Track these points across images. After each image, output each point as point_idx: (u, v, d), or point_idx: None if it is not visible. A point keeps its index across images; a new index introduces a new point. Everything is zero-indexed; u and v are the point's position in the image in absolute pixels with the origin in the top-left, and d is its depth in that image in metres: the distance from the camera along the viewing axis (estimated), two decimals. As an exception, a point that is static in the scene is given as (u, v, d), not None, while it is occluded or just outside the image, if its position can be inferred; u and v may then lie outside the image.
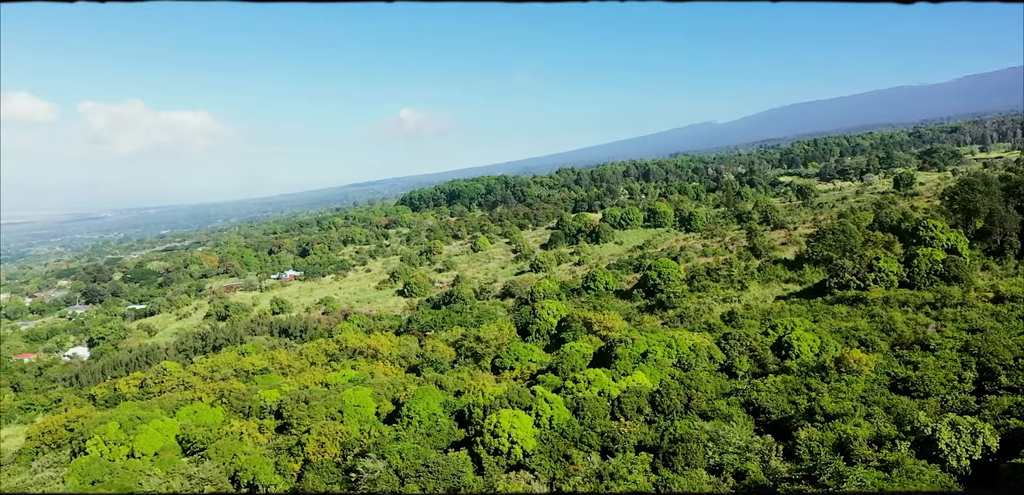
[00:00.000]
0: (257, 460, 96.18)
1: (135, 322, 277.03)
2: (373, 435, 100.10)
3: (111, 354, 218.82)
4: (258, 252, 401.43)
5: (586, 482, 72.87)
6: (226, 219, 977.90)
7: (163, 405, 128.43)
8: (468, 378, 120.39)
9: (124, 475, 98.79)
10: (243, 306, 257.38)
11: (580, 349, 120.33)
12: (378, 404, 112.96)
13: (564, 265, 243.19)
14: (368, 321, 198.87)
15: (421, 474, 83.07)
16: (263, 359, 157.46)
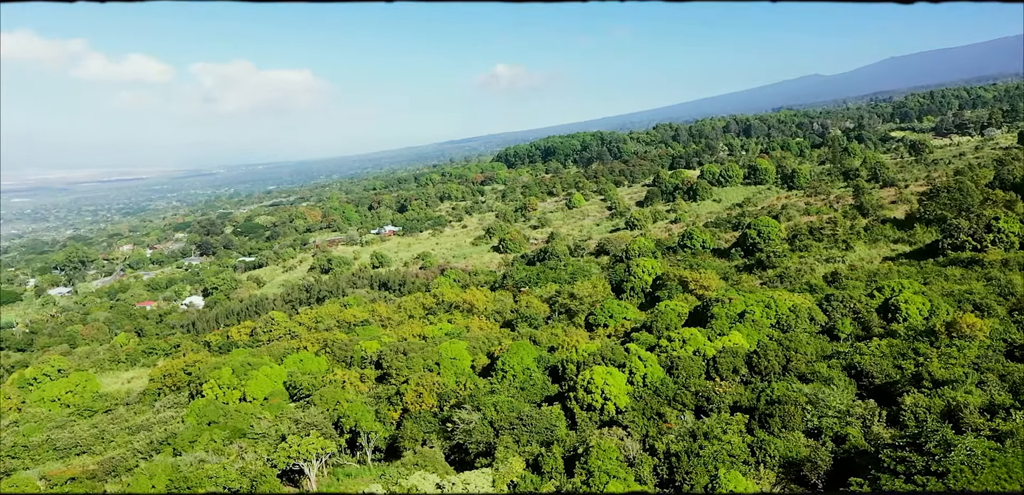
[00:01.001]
0: (359, 407, 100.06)
1: (245, 274, 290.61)
2: (469, 387, 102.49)
3: (223, 304, 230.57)
4: (358, 207, 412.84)
5: (679, 441, 72.65)
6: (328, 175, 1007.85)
7: (271, 353, 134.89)
8: (562, 334, 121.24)
9: (237, 417, 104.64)
10: (345, 260, 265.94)
11: (675, 308, 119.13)
12: (473, 357, 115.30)
13: (660, 223, 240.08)
14: (464, 276, 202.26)
15: (515, 426, 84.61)
16: (364, 311, 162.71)
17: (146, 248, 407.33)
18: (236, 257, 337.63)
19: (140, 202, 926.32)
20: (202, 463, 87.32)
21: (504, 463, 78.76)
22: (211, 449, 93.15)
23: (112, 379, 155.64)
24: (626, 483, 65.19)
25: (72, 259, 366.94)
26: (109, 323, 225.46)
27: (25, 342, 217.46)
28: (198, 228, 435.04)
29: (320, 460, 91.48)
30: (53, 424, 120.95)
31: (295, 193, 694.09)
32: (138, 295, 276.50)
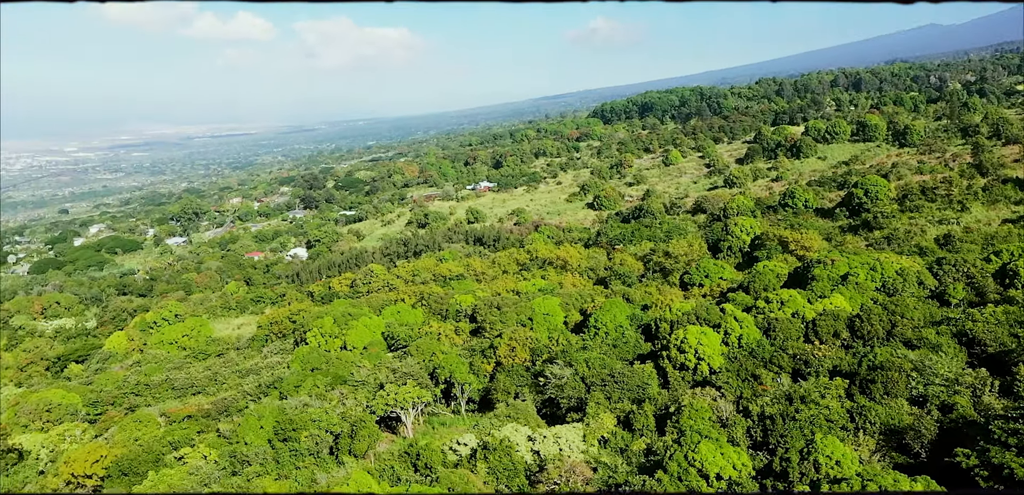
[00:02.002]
0: (453, 359, 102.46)
1: (346, 227, 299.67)
2: (561, 343, 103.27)
3: (326, 256, 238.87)
4: (454, 163, 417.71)
5: (775, 403, 71.35)
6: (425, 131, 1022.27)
7: (370, 304, 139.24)
8: (656, 293, 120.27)
9: (338, 364, 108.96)
10: (441, 215, 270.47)
11: (774, 268, 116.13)
12: (566, 313, 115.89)
13: (760, 181, 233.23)
14: (558, 233, 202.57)
15: (606, 383, 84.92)
16: (459, 266, 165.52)
17: (254, 201, 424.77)
18: (337, 211, 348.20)
19: (248, 156, 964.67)
20: (306, 407, 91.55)
21: (595, 418, 79.37)
22: (314, 394, 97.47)
23: (223, 325, 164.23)
24: (718, 444, 64.66)
25: (186, 211, 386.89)
26: (220, 272, 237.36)
27: (145, 288, 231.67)
28: (301, 182, 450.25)
29: (416, 408, 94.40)
30: (171, 365, 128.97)
31: (393, 148, 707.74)
32: (247, 246, 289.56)
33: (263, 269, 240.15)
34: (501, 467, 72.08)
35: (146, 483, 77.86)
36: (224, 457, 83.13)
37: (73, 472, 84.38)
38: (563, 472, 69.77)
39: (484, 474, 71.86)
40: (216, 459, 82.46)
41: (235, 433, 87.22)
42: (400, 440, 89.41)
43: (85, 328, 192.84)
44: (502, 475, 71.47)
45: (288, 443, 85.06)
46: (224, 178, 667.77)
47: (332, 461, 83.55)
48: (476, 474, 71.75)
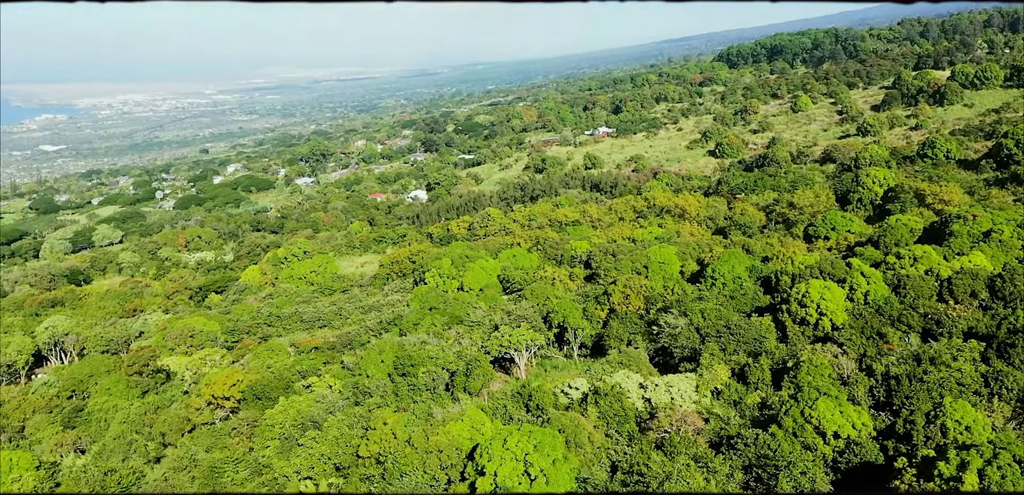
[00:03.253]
0: (567, 304, 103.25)
1: (464, 170, 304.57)
2: (676, 292, 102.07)
3: (445, 198, 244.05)
4: (573, 108, 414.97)
5: (901, 363, 68.25)
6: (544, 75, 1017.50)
7: (487, 247, 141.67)
8: (777, 244, 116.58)
9: (455, 305, 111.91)
10: (558, 160, 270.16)
11: (907, 222, 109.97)
12: (682, 262, 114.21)
13: (897, 129, 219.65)
14: (677, 180, 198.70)
15: (722, 334, 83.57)
16: (575, 211, 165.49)
17: (377, 144, 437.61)
18: (456, 154, 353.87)
19: (372, 100, 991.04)
20: (424, 344, 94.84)
21: (709, 369, 78.43)
22: (432, 332, 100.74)
23: (348, 262, 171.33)
24: (837, 401, 62.67)
25: (315, 152, 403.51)
26: (345, 212, 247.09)
27: (277, 225, 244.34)
28: (423, 126, 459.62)
29: (529, 351, 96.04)
30: (300, 299, 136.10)
31: (512, 93, 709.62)
32: (370, 187, 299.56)
33: (385, 210, 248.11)
34: (611, 413, 72.60)
35: (277, 408, 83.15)
36: (347, 388, 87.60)
37: (213, 394, 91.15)
38: (674, 421, 69.60)
39: (594, 418, 72.62)
40: (340, 389, 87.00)
41: (358, 366, 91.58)
42: (513, 381, 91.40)
43: (223, 261, 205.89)
44: (612, 420, 72.01)
45: (406, 378, 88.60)
46: (349, 121, 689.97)
47: (447, 397, 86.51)
48: (586, 418, 72.62)
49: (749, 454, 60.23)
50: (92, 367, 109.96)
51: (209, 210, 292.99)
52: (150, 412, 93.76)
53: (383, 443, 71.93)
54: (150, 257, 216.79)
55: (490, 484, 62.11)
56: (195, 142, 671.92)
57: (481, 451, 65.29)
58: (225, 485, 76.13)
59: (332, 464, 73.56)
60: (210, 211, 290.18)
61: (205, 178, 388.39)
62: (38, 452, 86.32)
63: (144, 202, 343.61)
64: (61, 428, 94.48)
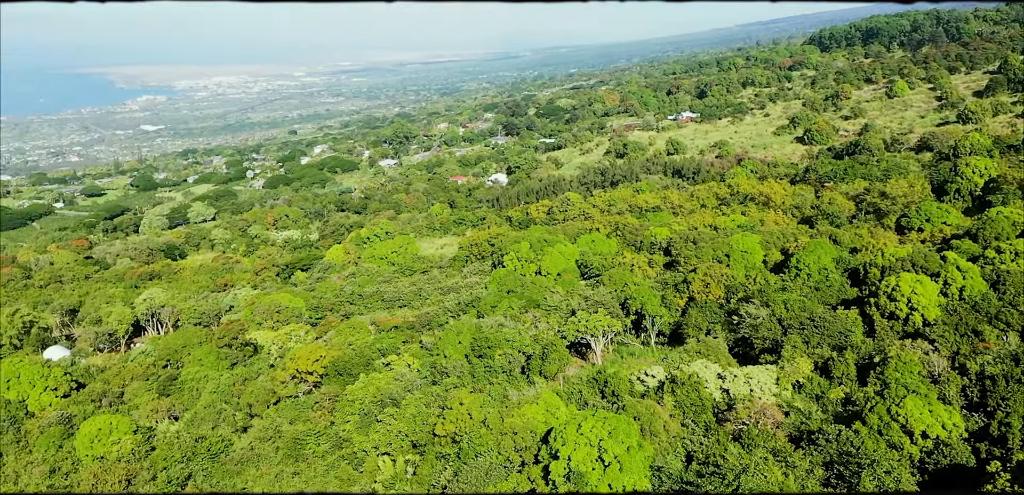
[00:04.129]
0: (645, 291, 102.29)
1: (544, 154, 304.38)
2: (758, 282, 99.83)
3: (524, 182, 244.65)
4: (656, 92, 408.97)
5: (998, 363, 65.06)
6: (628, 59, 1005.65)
7: (566, 231, 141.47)
8: (867, 235, 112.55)
9: (532, 289, 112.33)
10: (639, 145, 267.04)
11: (1010, 215, 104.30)
12: (765, 252, 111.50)
13: (1002, 116, 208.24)
14: (762, 167, 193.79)
15: (805, 326, 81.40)
16: (655, 197, 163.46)
17: (459, 127, 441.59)
18: (537, 138, 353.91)
19: (455, 83, 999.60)
20: (501, 327, 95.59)
21: (790, 362, 76.54)
22: (509, 315, 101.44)
23: (428, 244, 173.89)
24: (926, 400, 60.26)
25: (398, 134, 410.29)
26: (426, 194, 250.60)
27: (360, 206, 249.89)
28: (504, 109, 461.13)
29: (606, 336, 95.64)
30: (381, 279, 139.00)
31: (595, 76, 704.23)
32: (451, 170, 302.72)
33: (465, 192, 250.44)
34: (688, 402, 71.71)
35: (358, 384, 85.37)
36: (425, 367, 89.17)
37: (297, 368, 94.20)
38: (752, 413, 68.27)
39: (671, 407, 71.89)
40: (418, 368, 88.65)
41: (436, 346, 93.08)
42: (589, 366, 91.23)
43: (309, 240, 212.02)
44: (689, 410, 71.14)
45: (483, 359, 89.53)
46: (432, 104, 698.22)
47: (523, 380, 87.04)
48: (662, 406, 71.95)
49: (830, 450, 58.58)
50: (186, 338, 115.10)
51: (296, 190, 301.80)
52: (238, 383, 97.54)
53: (459, 423, 73.03)
54: (240, 234, 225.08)
55: (564, 468, 62.33)
56: (284, 123, 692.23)
57: (555, 435, 65.54)
58: (307, 456, 78.73)
59: (409, 441, 75.14)
60: (297, 191, 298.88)
61: (293, 158, 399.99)
62: (135, 417, 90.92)
63: (236, 181, 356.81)
64: (157, 395, 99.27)
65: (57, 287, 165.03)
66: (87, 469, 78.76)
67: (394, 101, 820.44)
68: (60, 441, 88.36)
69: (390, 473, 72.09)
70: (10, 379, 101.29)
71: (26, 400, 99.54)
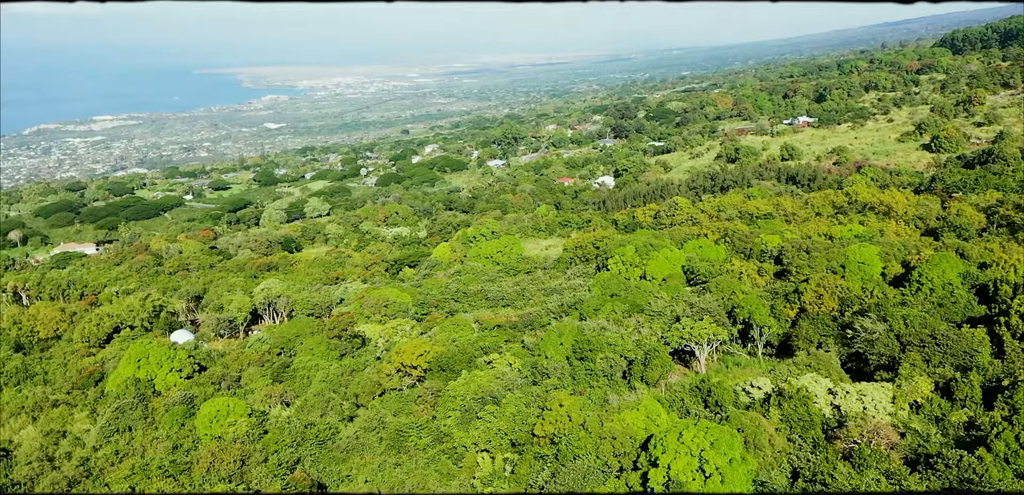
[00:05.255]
0: (754, 300, 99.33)
1: (653, 157, 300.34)
2: (875, 295, 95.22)
3: (631, 185, 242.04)
4: (772, 96, 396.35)
5: None
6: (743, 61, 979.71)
7: (672, 237, 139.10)
8: (998, 250, 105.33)
9: (636, 293, 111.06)
10: (752, 150, 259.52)
11: None
12: (885, 264, 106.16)
13: None
14: (883, 175, 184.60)
15: (926, 344, 77.09)
16: (767, 204, 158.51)
17: (567, 128, 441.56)
18: (646, 141, 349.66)
19: (564, 85, 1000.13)
20: (603, 330, 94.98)
21: (908, 380, 72.61)
22: (611, 319, 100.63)
23: (532, 244, 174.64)
24: (1061, 430, 55.89)
25: (507, 135, 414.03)
26: (533, 195, 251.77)
27: (468, 205, 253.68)
28: (613, 111, 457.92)
29: (711, 345, 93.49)
30: (486, 278, 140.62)
31: (707, 79, 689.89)
32: (558, 171, 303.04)
33: (572, 194, 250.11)
34: (796, 416, 69.18)
35: (459, 380, 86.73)
36: (526, 367, 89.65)
37: (402, 362, 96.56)
38: (865, 432, 65.16)
39: (777, 421, 69.55)
40: (519, 368, 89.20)
41: (537, 346, 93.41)
42: (692, 374, 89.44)
43: (417, 237, 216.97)
44: (796, 425, 68.61)
45: (584, 362, 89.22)
46: (541, 105, 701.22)
47: (624, 385, 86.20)
48: (768, 419, 69.69)
49: (950, 476, 55.20)
50: (299, 328, 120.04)
51: (407, 188, 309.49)
52: (346, 374, 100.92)
53: (558, 424, 73.06)
54: (353, 229, 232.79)
55: (663, 476, 61.31)
56: (397, 123, 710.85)
57: (655, 442, 64.55)
58: (408, 448, 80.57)
59: (508, 439, 75.74)
60: (408, 189, 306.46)
61: (404, 157, 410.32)
62: (251, 401, 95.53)
63: (350, 178, 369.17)
64: (271, 381, 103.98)
65: (184, 275, 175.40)
66: (205, 447, 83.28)
67: (504, 102, 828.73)
68: (182, 419, 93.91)
69: (488, 470, 72.87)
70: (140, 359, 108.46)
71: (154, 379, 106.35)
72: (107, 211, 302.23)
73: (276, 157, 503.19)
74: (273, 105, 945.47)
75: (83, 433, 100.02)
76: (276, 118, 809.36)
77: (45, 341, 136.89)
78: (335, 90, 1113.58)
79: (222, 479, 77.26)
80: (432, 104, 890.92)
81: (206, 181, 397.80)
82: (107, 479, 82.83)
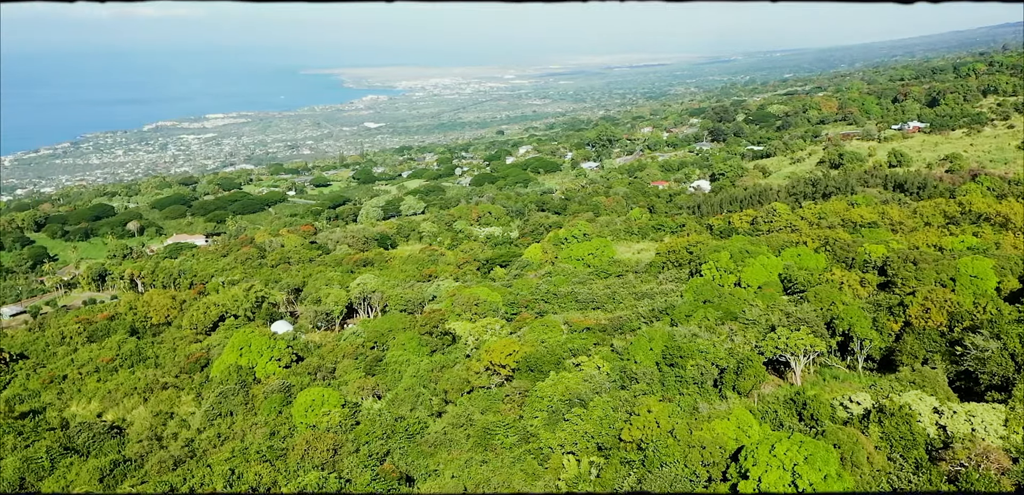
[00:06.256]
0: (855, 311, 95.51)
1: (751, 162, 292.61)
2: (989, 311, 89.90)
3: (728, 190, 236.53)
4: (880, 100, 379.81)
5: None
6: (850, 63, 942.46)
7: (770, 243, 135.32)
8: None
9: (730, 300, 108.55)
10: (858, 155, 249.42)
11: None
12: (1000, 278, 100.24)
13: None
14: (1001, 185, 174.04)
15: (1043, 366, 72.26)
16: (872, 212, 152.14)
17: (663, 131, 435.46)
18: (744, 145, 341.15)
19: (662, 87, 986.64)
20: (694, 337, 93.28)
21: (1023, 403, 68.20)
22: (704, 326, 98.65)
23: (624, 248, 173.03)
24: None
25: (601, 138, 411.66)
26: (626, 197, 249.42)
27: (560, 206, 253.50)
28: (711, 114, 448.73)
29: (807, 356, 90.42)
30: (576, 280, 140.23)
31: (811, 82, 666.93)
32: (652, 175, 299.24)
33: (666, 198, 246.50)
34: (897, 435, 66.04)
35: (547, 381, 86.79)
36: (615, 371, 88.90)
37: (491, 360, 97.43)
38: (973, 455, 61.60)
39: (876, 438, 66.58)
40: (608, 371, 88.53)
41: (626, 351, 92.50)
42: (786, 386, 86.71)
43: (509, 237, 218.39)
44: (897, 443, 65.51)
45: (674, 368, 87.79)
46: (637, 107, 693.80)
47: (715, 394, 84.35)
48: (867, 437, 66.79)
49: (1068, 508, 51.56)
50: (391, 323, 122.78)
51: (500, 188, 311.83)
52: (436, 370, 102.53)
53: (646, 430, 72.10)
54: (446, 228, 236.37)
55: (753, 489, 59.67)
56: (492, 123, 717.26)
57: (746, 454, 62.86)
58: (495, 446, 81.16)
59: (594, 443, 75.27)
60: (501, 189, 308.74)
61: (498, 158, 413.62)
62: (344, 392, 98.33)
63: (445, 177, 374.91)
64: (363, 374, 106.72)
65: (285, 267, 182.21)
66: (300, 435, 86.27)
67: (599, 104, 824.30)
68: (280, 407, 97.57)
69: (574, 472, 72.60)
70: (243, 347, 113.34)
71: (255, 367, 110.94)
72: (216, 205, 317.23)
73: (374, 156, 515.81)
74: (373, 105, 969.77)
75: (189, 415, 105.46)
76: (376, 118, 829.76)
77: (157, 327, 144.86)
78: (433, 91, 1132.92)
79: (315, 466, 79.83)
80: (527, 105, 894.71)
81: (308, 178, 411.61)
82: (209, 460, 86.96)
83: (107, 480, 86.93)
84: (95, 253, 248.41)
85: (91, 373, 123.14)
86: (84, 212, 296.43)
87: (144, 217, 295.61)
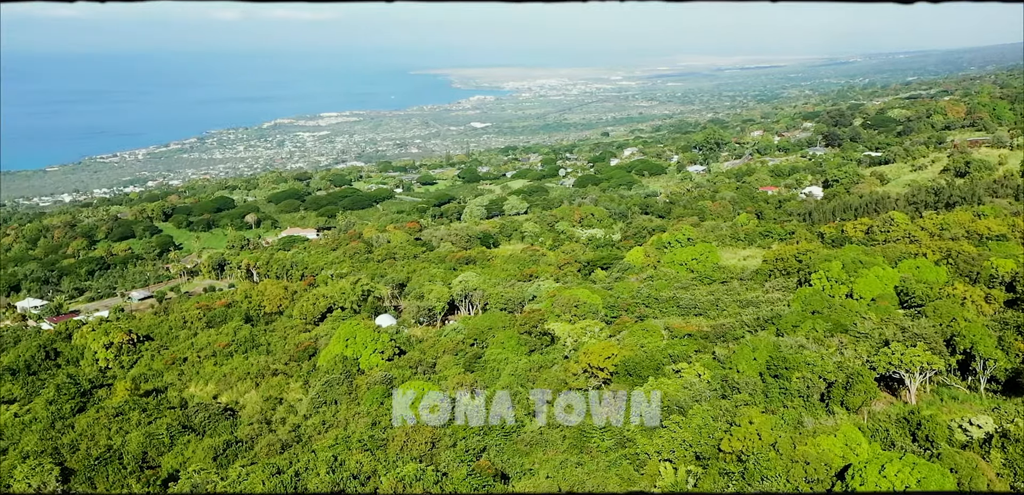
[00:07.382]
0: (978, 329, 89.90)
1: (868, 168, 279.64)
2: None
3: (842, 197, 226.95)
4: (1014, 104, 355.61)
5: None
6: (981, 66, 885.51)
7: (885, 254, 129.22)
8: None
9: (841, 312, 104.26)
10: (986, 163, 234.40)
11: None
12: None
13: None
14: None
15: None
16: (1002, 224, 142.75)
17: (774, 135, 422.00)
18: (861, 150, 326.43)
19: (774, 89, 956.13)
20: (801, 348, 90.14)
21: None
22: (811, 337, 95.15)
23: (730, 254, 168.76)
24: None
25: (709, 140, 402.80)
26: (733, 202, 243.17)
27: (664, 210, 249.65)
28: (826, 118, 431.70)
29: (923, 374, 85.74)
30: (678, 285, 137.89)
31: (937, 85, 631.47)
32: (761, 180, 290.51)
33: (775, 204, 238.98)
34: (1022, 462, 61.78)
35: (645, 386, 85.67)
36: (716, 379, 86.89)
37: (589, 363, 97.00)
38: (1109, 490, 56.95)
39: (999, 465, 62.57)
40: (709, 379, 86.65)
41: (729, 359, 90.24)
42: (899, 404, 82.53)
43: (611, 239, 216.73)
44: (1022, 472, 61.30)
45: (779, 380, 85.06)
46: (748, 110, 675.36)
47: (821, 408, 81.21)
48: (988, 462, 62.87)
49: None
50: (491, 321, 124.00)
51: (603, 190, 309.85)
52: (534, 369, 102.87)
53: (746, 442, 70.17)
54: (548, 229, 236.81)
55: (859, 510, 57.13)
56: (598, 125, 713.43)
57: (853, 472, 60.26)
58: (590, 449, 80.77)
59: (693, 451, 73.82)
60: (604, 191, 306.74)
61: (603, 159, 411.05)
62: (443, 387, 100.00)
63: (548, 178, 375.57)
64: (462, 370, 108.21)
65: (391, 262, 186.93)
66: (401, 427, 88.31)
67: (707, 106, 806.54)
68: (382, 398, 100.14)
69: (670, 480, 71.45)
70: (348, 338, 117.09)
71: (359, 358, 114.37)
72: (327, 200, 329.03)
73: (480, 155, 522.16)
74: (480, 105, 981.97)
75: (296, 402, 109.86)
76: (482, 118, 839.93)
77: (269, 315, 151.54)
78: (539, 91, 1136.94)
79: (413, 458, 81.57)
80: (633, 107, 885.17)
81: (415, 176, 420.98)
82: (314, 446, 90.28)
83: (220, 458, 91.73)
84: (216, 243, 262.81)
85: (209, 357, 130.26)
86: (207, 204, 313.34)
87: (261, 210, 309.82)
